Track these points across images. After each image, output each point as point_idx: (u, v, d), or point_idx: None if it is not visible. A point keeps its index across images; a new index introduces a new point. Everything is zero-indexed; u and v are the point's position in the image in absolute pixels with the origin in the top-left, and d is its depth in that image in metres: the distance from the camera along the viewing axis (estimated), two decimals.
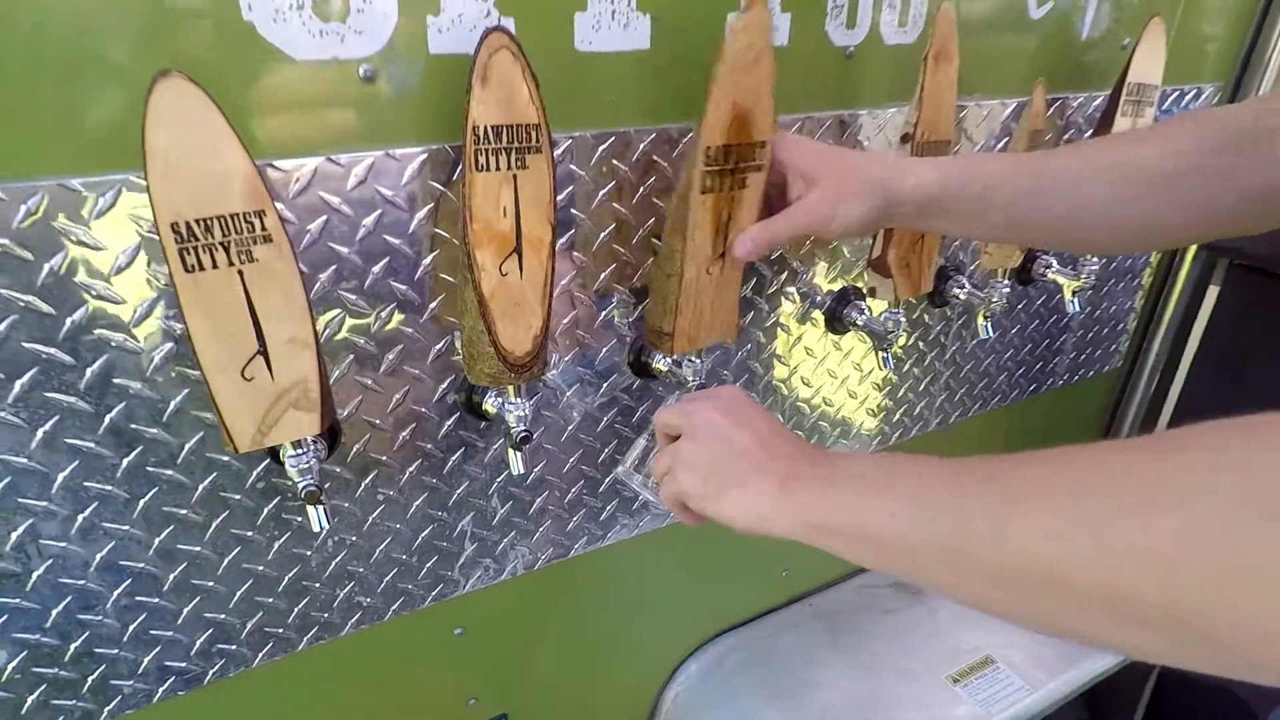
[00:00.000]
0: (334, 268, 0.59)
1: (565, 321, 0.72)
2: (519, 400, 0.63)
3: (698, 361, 0.71)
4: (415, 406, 0.67)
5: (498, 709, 0.92)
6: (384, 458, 0.68)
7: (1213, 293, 1.19)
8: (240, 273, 0.48)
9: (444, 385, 0.68)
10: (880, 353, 0.85)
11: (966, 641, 1.05)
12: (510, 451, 0.66)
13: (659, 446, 0.60)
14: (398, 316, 0.63)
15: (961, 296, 0.93)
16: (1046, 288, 1.09)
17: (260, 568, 0.67)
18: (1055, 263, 1.00)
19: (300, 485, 0.56)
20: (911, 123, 0.73)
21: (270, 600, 0.69)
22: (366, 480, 0.68)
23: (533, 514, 0.80)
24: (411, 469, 0.70)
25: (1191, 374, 1.26)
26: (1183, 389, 1.27)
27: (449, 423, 0.70)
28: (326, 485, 0.66)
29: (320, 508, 0.58)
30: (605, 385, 0.77)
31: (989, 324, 0.92)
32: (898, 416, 1.05)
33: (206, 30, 0.48)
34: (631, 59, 0.64)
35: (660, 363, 0.74)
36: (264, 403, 0.51)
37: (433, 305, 0.64)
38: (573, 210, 0.67)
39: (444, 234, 0.62)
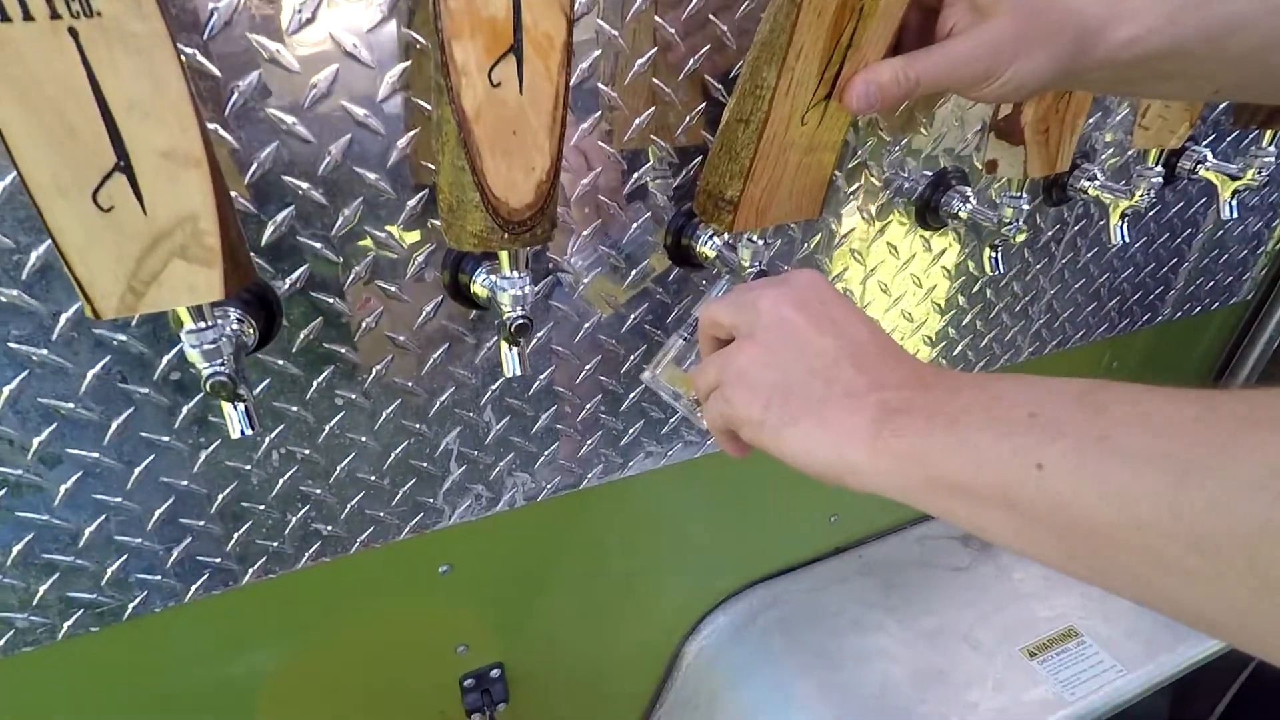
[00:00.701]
0: (255, 74, 0.41)
1: (584, 183, 0.54)
2: (515, 274, 0.46)
3: (759, 244, 0.52)
4: (381, 284, 0.51)
5: (490, 658, 0.79)
6: (341, 351, 0.52)
7: None
8: (74, 32, 0.30)
9: (421, 258, 0.51)
10: (991, 251, 0.66)
11: (1047, 608, 0.90)
12: (504, 346, 0.49)
13: (702, 350, 0.43)
14: (354, 154, 0.46)
15: (1091, 190, 0.73)
16: (1187, 191, 0.88)
17: (184, 483, 0.52)
18: (1210, 155, 0.78)
19: (204, 374, 0.40)
20: None
21: (201, 524, 0.54)
22: (320, 379, 0.52)
23: (537, 433, 0.64)
24: (379, 367, 0.54)
25: None
26: None
27: (428, 308, 0.53)
28: (265, 382, 0.51)
29: (240, 406, 0.42)
30: (633, 273, 0.60)
31: (1124, 226, 0.72)
32: (986, 341, 0.86)
33: None
34: None
35: (708, 245, 0.56)
36: (134, 247, 0.35)
37: (403, 142, 0.46)
38: (599, 21, 0.48)
39: (419, 39, 0.44)
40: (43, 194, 0.33)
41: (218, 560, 0.57)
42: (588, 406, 0.65)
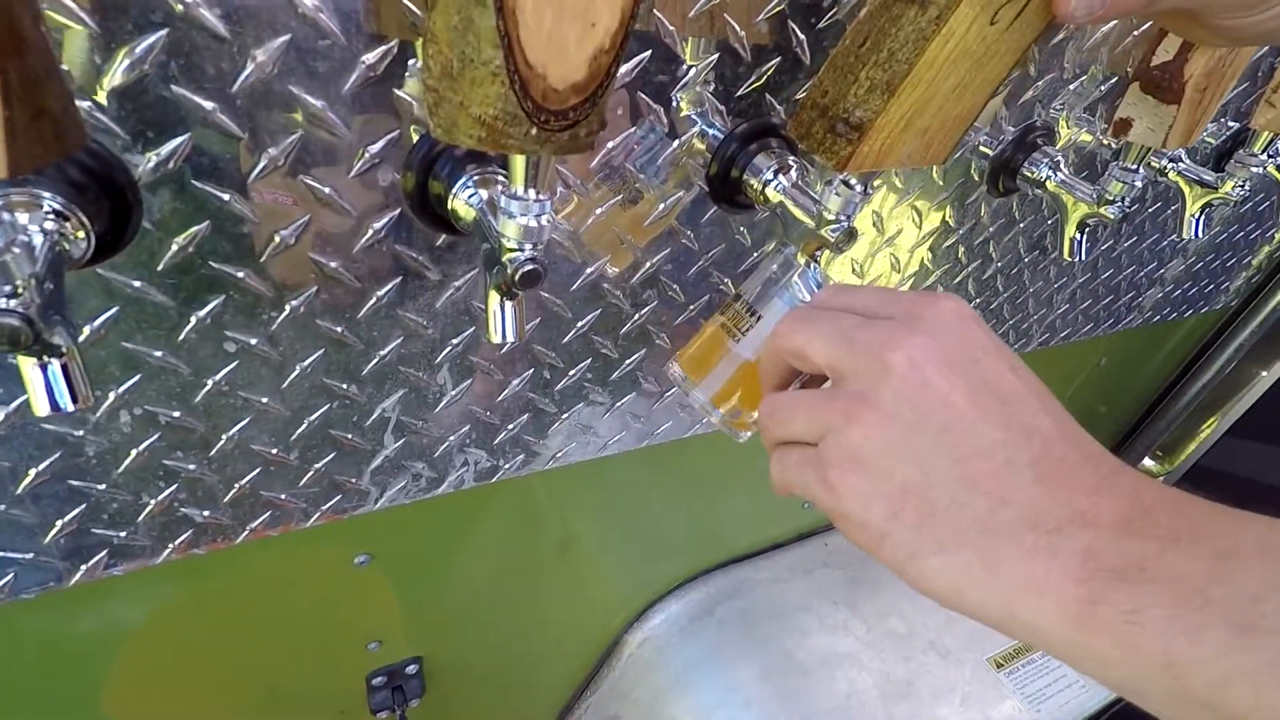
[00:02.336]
0: None
1: (623, 71, 0.37)
2: (532, 194, 0.30)
3: (856, 189, 0.38)
4: (311, 181, 0.33)
5: (407, 652, 0.65)
6: (239, 275, 0.34)
7: None
8: None
9: (375, 147, 0.34)
10: (1073, 232, 0.54)
11: None
12: (493, 298, 0.33)
13: (766, 370, 0.32)
14: None
15: (1171, 173, 0.62)
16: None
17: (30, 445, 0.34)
18: None
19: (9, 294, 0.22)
20: None
21: (1, 508, 0.36)
22: (202, 314, 0.35)
23: (503, 401, 0.49)
24: (296, 303, 0.37)
25: None
26: None
27: (378, 226, 0.36)
28: (110, 312, 0.33)
29: (53, 364, 0.25)
30: (661, 207, 0.44)
31: (1200, 220, 0.63)
32: (1005, 328, 0.77)
33: None
34: None
35: (774, 186, 0.41)
36: None
37: None
38: None
39: None
40: None
41: (29, 555, 0.39)
42: (573, 373, 0.50)
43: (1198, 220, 0.63)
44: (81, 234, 0.27)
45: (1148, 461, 1.27)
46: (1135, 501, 0.24)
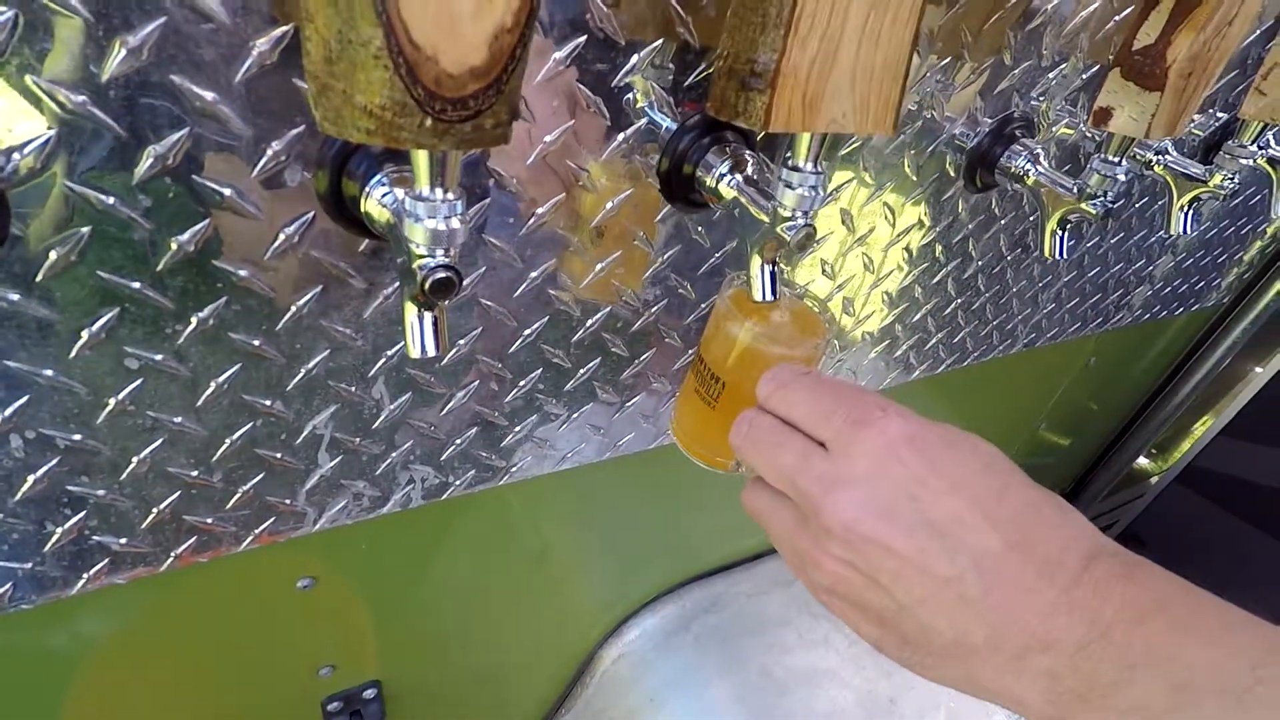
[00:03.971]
0: None
1: (557, 56, 0.34)
2: (439, 194, 0.27)
3: (815, 180, 0.35)
4: (212, 183, 0.30)
5: (363, 677, 0.62)
6: (135, 285, 0.31)
7: None
8: None
9: (278, 144, 0.31)
10: (1059, 229, 0.51)
11: None
12: (410, 309, 0.30)
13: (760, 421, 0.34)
14: None
15: (1158, 167, 0.60)
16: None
17: None
18: (1274, 138, 0.67)
19: None
20: None
21: None
22: (95, 327, 0.32)
23: (448, 414, 0.46)
24: (203, 314, 0.34)
25: None
26: None
27: (289, 230, 0.33)
28: None
29: None
30: (609, 205, 0.41)
31: (1188, 215, 0.60)
32: (988, 329, 0.74)
33: None
34: None
35: (723, 177, 0.39)
36: None
37: None
38: None
39: None
40: None
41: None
42: (523, 384, 0.47)
43: (1186, 215, 0.60)
44: None
45: (1142, 460, 1.25)
46: (1093, 621, 0.25)
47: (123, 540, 0.40)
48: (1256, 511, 1.13)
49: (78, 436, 0.35)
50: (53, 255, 0.29)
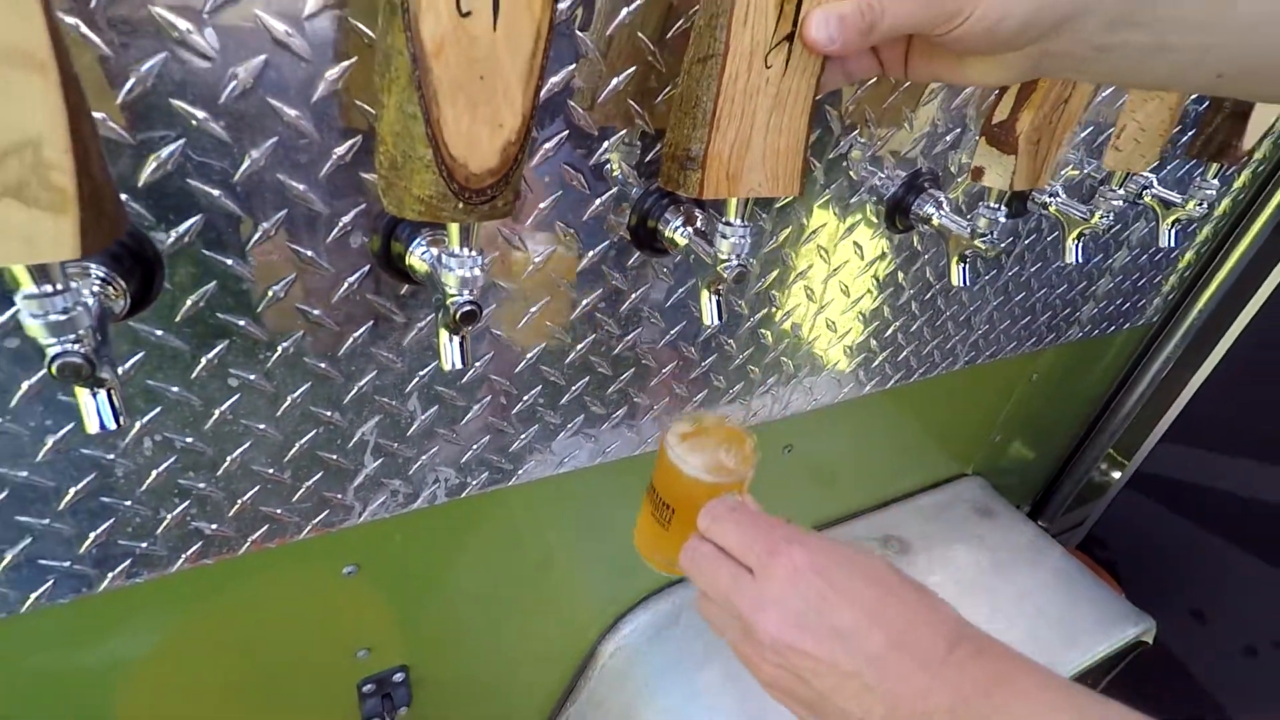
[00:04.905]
0: None
1: (549, 146, 0.46)
2: (466, 251, 0.38)
3: (743, 233, 0.47)
4: (295, 246, 0.42)
5: (394, 660, 0.72)
6: (241, 323, 0.43)
7: None
8: None
9: (346, 218, 0.42)
10: (960, 263, 0.63)
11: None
12: (443, 334, 0.42)
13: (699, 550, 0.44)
14: (269, 81, 0.36)
15: (1052, 208, 0.72)
16: (1124, 214, 0.89)
17: (23, 474, 0.42)
18: (1156, 181, 0.79)
19: (50, 354, 0.30)
20: None
21: (46, 522, 0.44)
22: (210, 356, 0.43)
23: (466, 424, 0.57)
24: (286, 344, 0.45)
25: (1238, 347, 1.11)
26: (1222, 361, 1.13)
27: (351, 280, 0.45)
28: (138, 356, 0.41)
29: (100, 393, 0.33)
30: (590, 254, 0.53)
31: (1080, 246, 0.72)
32: (929, 348, 0.85)
33: None
34: None
35: (678, 231, 0.50)
36: None
37: (334, 72, 0.38)
38: None
39: None
40: None
41: (67, 564, 0.47)
42: (525, 398, 0.58)
43: (1076, 247, 0.72)
44: (120, 295, 0.35)
45: (1099, 470, 1.35)
46: (955, 691, 0.34)
47: (214, 526, 0.51)
48: (1204, 512, 1.22)
49: (190, 439, 0.46)
50: (188, 302, 0.41)
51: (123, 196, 0.36)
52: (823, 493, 1.00)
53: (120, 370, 0.41)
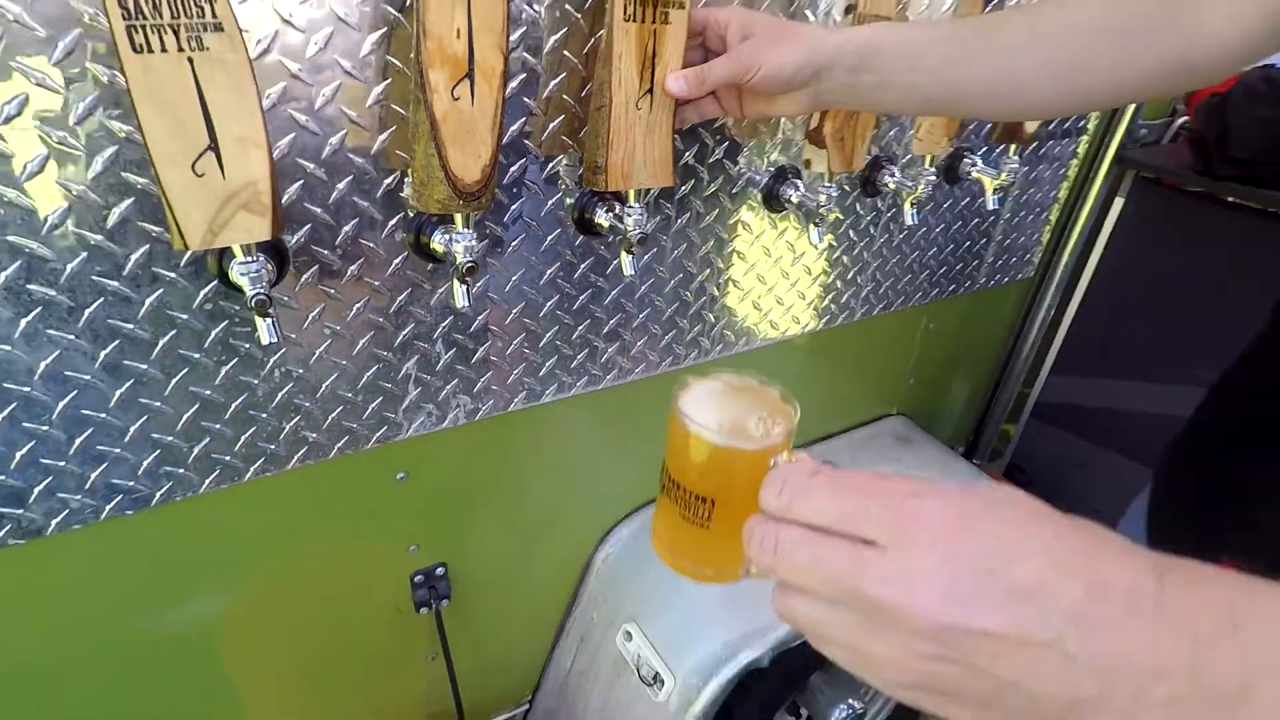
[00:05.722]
0: (283, 85, 0.59)
1: (514, 169, 0.74)
2: (466, 230, 0.65)
3: (640, 212, 0.74)
4: (363, 241, 0.69)
5: (437, 558, 0.98)
6: (331, 291, 0.70)
7: (1118, 205, 1.28)
8: (190, 60, 0.48)
9: (393, 222, 0.70)
10: (813, 226, 0.90)
11: None
12: (456, 283, 0.68)
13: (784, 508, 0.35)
14: (349, 143, 0.64)
15: (891, 185, 0.98)
16: (971, 188, 1.16)
17: (207, 392, 0.69)
18: (980, 161, 1.06)
19: (250, 294, 0.57)
20: None
21: (217, 426, 0.71)
22: (314, 313, 0.70)
23: (475, 362, 0.83)
24: (358, 305, 0.72)
25: (1094, 285, 1.36)
26: (1084, 299, 1.38)
27: (396, 261, 0.72)
28: (274, 310, 0.68)
29: (269, 320, 0.60)
30: (549, 238, 0.80)
31: (915, 211, 0.98)
32: (826, 302, 1.11)
33: None
34: None
35: (602, 216, 0.77)
36: (215, 201, 0.52)
37: (383, 136, 0.65)
38: (525, 54, 0.68)
39: (397, 63, 0.63)
40: (160, 164, 0.50)
41: (227, 458, 0.73)
42: (514, 343, 0.85)
43: (913, 212, 0.98)
44: (273, 269, 0.62)
45: (1013, 405, 1.59)
46: (1195, 637, 0.26)
47: (314, 435, 0.77)
48: (1096, 431, 1.47)
49: (301, 370, 0.72)
50: (305, 278, 0.68)
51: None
52: None
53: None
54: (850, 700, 1.26)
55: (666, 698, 0.97)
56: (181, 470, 0.71)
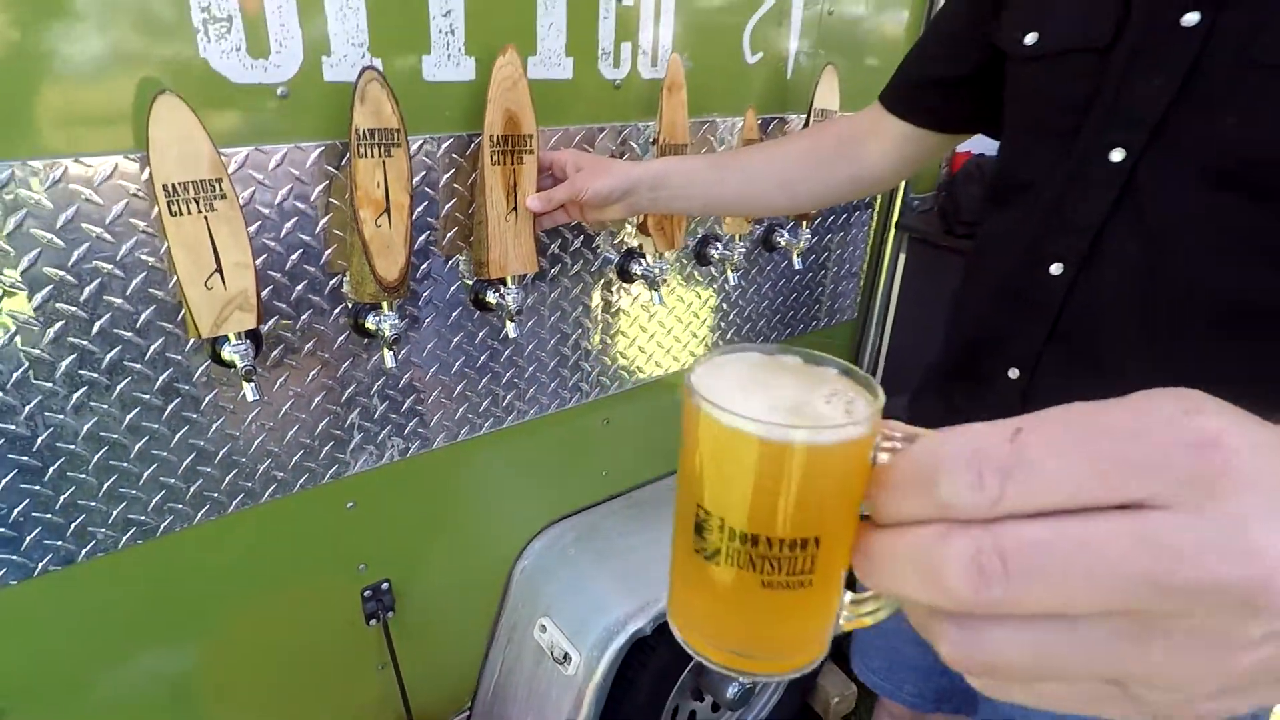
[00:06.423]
0: (259, 224, 0.87)
1: (425, 267, 1.03)
2: (390, 313, 0.93)
3: (517, 292, 1.03)
4: (316, 325, 0.96)
5: (383, 574, 1.21)
6: (293, 363, 0.96)
7: (903, 258, 1.66)
8: (206, 218, 0.76)
9: (337, 310, 0.97)
10: (653, 292, 1.21)
11: None
12: (385, 351, 0.96)
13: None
14: (305, 258, 0.92)
15: (716, 255, 1.32)
16: (786, 251, 1.51)
17: (202, 443, 0.93)
18: (787, 233, 1.41)
19: (240, 366, 0.84)
20: (658, 131, 1.09)
21: (209, 470, 0.95)
22: (281, 380, 0.96)
23: (404, 411, 1.10)
24: (313, 372, 0.98)
25: (896, 325, 1.73)
26: (891, 336, 1.75)
27: (340, 338, 0.99)
28: (255, 377, 0.94)
29: (253, 383, 0.86)
30: (454, 314, 1.08)
31: (734, 275, 1.32)
32: (681, 348, 1.43)
33: (180, 62, 0.76)
34: (461, 87, 0.96)
35: (490, 296, 1.07)
36: (219, 305, 0.79)
37: (328, 252, 0.93)
38: (426, 188, 0.99)
39: (336, 202, 0.92)
40: (185, 284, 0.77)
41: (215, 495, 0.97)
42: (433, 394, 1.12)
43: (735, 275, 1.32)
44: (254, 348, 0.88)
45: None
46: None
47: (281, 474, 1.01)
48: None
49: (271, 424, 0.98)
50: (273, 354, 0.94)
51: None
52: (638, 454, 1.54)
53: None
54: (740, 678, 1.52)
55: (575, 671, 1.22)
56: (181, 505, 0.95)
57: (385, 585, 1.21)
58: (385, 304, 0.93)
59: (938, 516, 0.22)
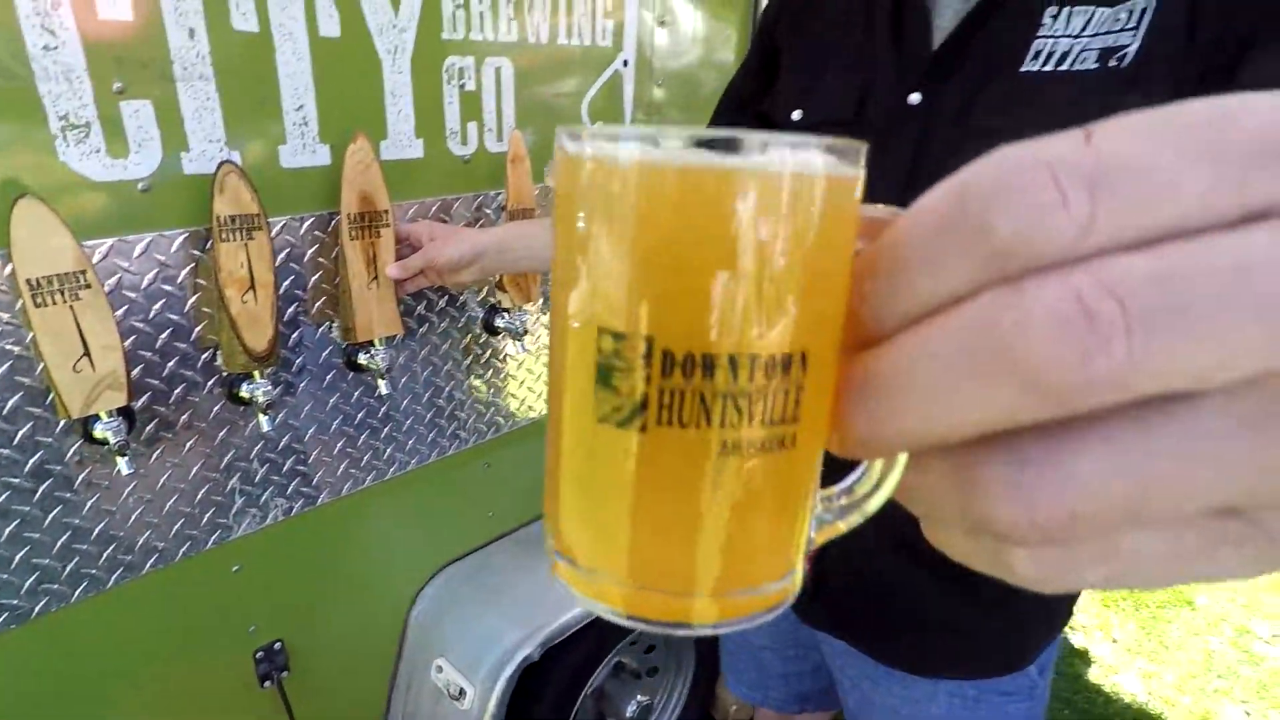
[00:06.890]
0: (126, 307, 0.93)
1: (295, 335, 1.10)
2: (263, 380, 1.00)
3: (385, 352, 1.13)
4: (190, 398, 1.02)
5: (274, 635, 1.24)
6: (169, 435, 1.01)
7: None
8: (71, 307, 0.82)
9: (210, 381, 1.03)
10: (517, 342, 1.33)
11: None
12: (261, 415, 1.03)
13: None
14: (175, 336, 0.98)
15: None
16: None
17: (77, 521, 0.96)
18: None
19: (113, 443, 0.89)
20: (507, 199, 1.23)
21: (85, 547, 0.98)
22: (157, 452, 1.01)
23: (285, 472, 1.16)
24: (190, 442, 1.04)
25: None
26: None
27: (216, 407, 1.05)
28: (129, 451, 0.98)
29: (126, 457, 0.91)
30: (329, 377, 1.16)
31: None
32: (545, 395, 1.54)
33: (41, 166, 0.83)
34: (318, 171, 1.06)
35: (362, 358, 1.15)
36: (89, 386, 0.85)
37: (198, 328, 1.00)
38: (291, 263, 1.07)
39: (203, 282, 0.99)
40: (52, 369, 0.82)
41: (93, 571, 0.99)
42: (313, 453, 1.18)
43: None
44: (126, 425, 0.93)
45: None
46: None
47: (162, 544, 1.05)
48: None
49: (149, 496, 1.02)
50: (148, 428, 0.99)
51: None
52: (522, 494, 1.63)
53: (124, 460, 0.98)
54: (638, 695, 1.62)
55: (470, 705, 1.28)
56: (56, 585, 0.97)
57: (278, 645, 1.25)
58: (257, 373, 1.00)
59: (995, 277, 0.15)
